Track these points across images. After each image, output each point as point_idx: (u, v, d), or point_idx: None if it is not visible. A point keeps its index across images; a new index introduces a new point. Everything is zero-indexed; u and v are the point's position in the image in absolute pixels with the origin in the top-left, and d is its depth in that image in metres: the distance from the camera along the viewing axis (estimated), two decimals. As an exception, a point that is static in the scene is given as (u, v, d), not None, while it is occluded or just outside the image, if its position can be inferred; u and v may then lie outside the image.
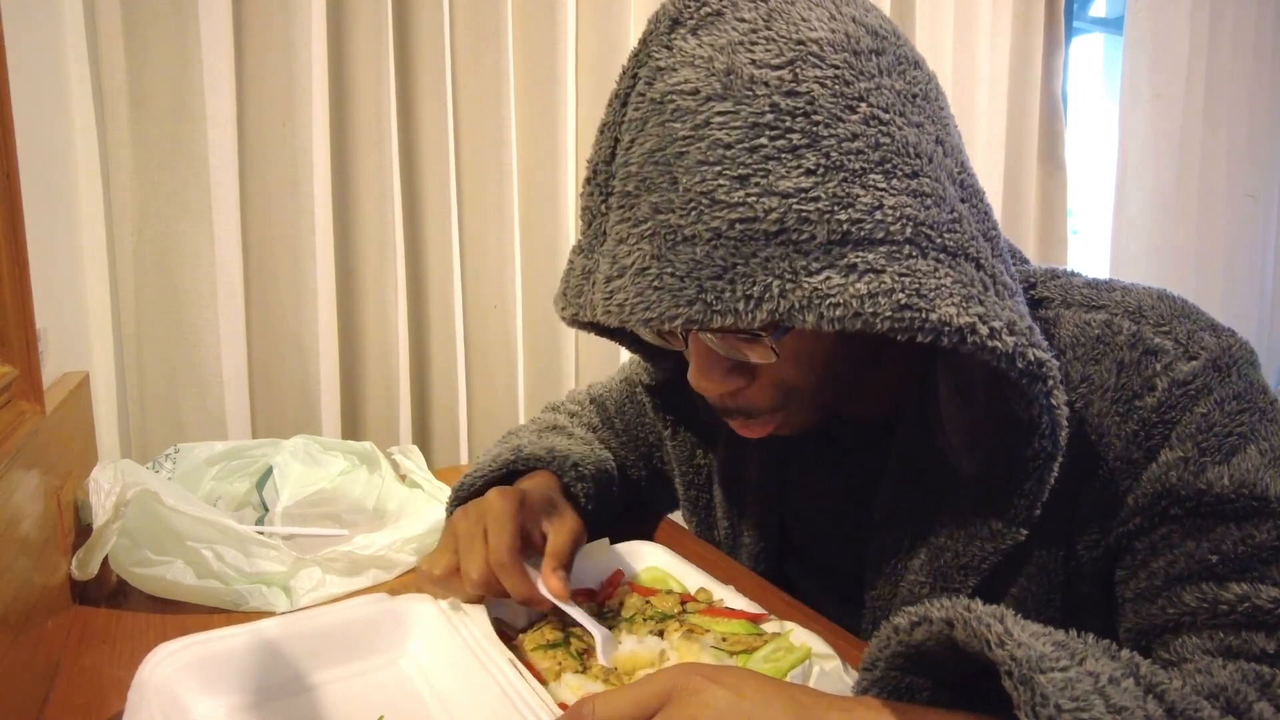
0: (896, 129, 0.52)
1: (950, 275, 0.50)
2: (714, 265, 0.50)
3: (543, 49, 1.45)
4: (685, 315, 0.51)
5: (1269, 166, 2.41)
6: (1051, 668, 0.41)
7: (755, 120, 0.50)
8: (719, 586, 0.73)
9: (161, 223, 1.20)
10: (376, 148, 1.33)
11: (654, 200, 0.52)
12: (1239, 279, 2.39)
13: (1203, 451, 0.55)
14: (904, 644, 0.46)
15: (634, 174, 0.54)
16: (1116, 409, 0.57)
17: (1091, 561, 0.60)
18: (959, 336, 0.49)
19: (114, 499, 0.73)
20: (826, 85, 0.51)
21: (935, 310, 0.49)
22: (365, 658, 0.65)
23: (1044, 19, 2.02)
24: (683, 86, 0.52)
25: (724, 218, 0.50)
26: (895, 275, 0.49)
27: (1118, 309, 0.60)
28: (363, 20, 1.31)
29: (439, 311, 1.43)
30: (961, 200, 0.54)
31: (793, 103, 0.50)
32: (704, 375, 0.60)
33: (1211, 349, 0.57)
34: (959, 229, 0.52)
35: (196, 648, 0.60)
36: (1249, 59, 2.31)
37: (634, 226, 0.53)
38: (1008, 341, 0.50)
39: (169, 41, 1.16)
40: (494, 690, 0.55)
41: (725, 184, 0.50)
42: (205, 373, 1.24)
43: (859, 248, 0.49)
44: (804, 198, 0.49)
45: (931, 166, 0.53)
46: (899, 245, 0.50)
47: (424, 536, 0.84)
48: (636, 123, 0.54)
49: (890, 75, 0.53)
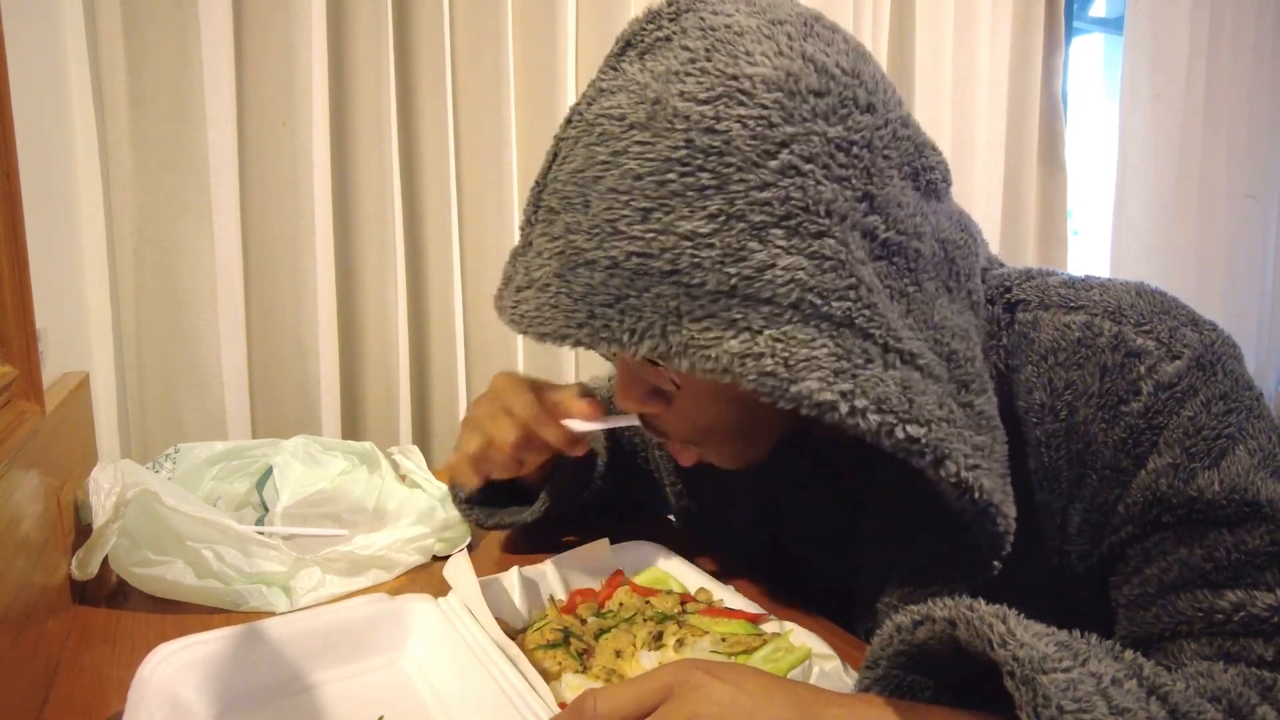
0: (813, 183, 0.50)
1: (826, 347, 0.50)
2: (607, 293, 0.51)
3: (543, 49, 1.45)
4: (574, 336, 0.53)
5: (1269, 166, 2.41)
6: (1054, 668, 0.41)
7: (669, 155, 0.50)
8: (719, 586, 0.73)
9: (161, 223, 1.20)
10: (376, 148, 1.33)
11: (568, 220, 0.54)
12: (1239, 279, 2.39)
13: (1191, 457, 0.54)
14: (906, 642, 0.46)
15: (559, 190, 0.55)
16: (1102, 415, 0.57)
17: (1085, 570, 0.60)
18: (818, 410, 0.50)
19: (114, 499, 0.73)
20: (748, 125, 0.50)
21: (797, 383, 0.49)
22: (365, 658, 0.65)
23: (1044, 19, 2.02)
24: (613, 111, 0.53)
25: (622, 249, 0.51)
26: (769, 339, 0.49)
27: (1097, 309, 0.59)
28: (363, 20, 1.31)
29: (439, 311, 1.43)
30: (874, 258, 0.53)
31: (709, 140, 0.50)
32: (622, 393, 0.62)
33: (1194, 346, 0.56)
34: (853, 296, 0.51)
35: (196, 648, 0.60)
36: (1249, 59, 2.31)
37: (549, 242, 0.55)
38: (871, 420, 0.50)
39: (169, 41, 1.16)
40: (494, 690, 0.55)
41: (629, 215, 0.51)
42: (205, 373, 1.23)
43: (744, 303, 0.50)
44: (700, 243, 0.50)
45: (842, 226, 0.51)
46: (782, 310, 0.50)
47: (424, 537, 0.84)
48: (571, 141, 0.55)
49: (826, 120, 0.51)
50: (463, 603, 0.67)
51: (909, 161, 0.56)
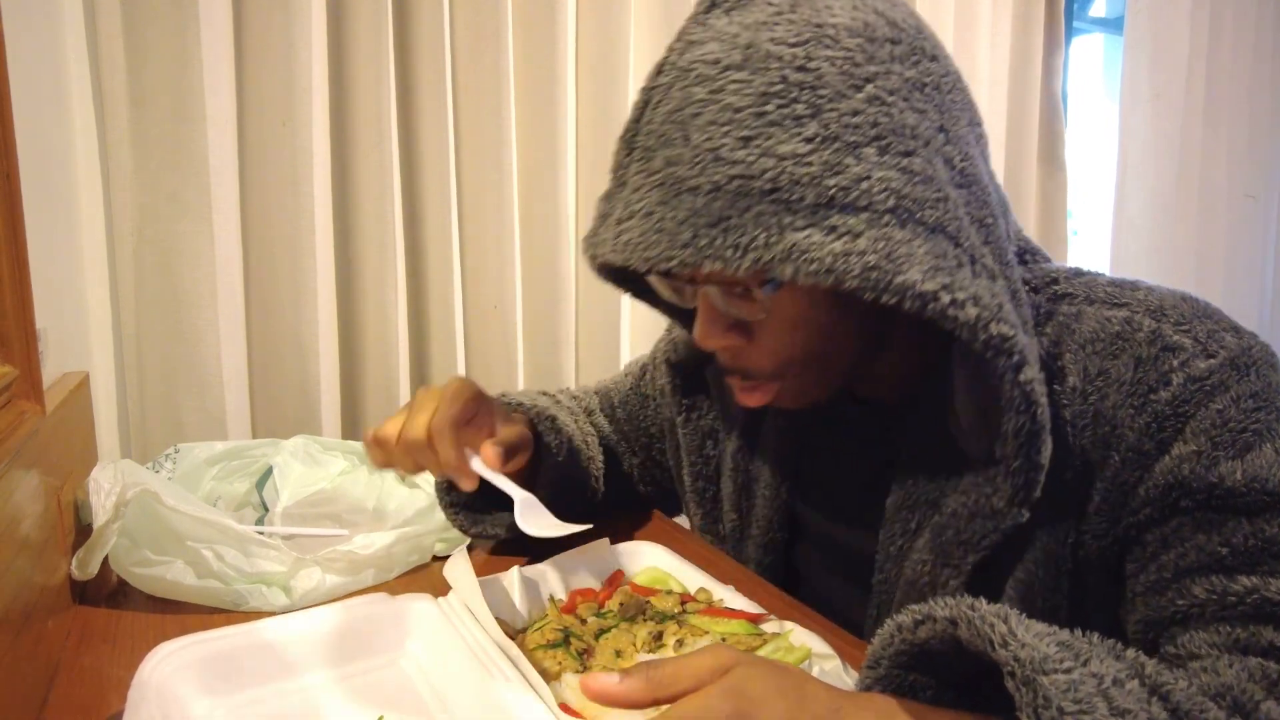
0: (898, 111, 0.55)
1: (924, 247, 0.53)
2: (710, 215, 0.54)
3: (543, 49, 1.45)
4: (679, 257, 0.55)
5: (1269, 166, 2.41)
6: (1055, 669, 0.41)
7: (765, 89, 0.54)
8: (719, 586, 0.73)
9: (161, 223, 1.20)
10: (376, 148, 1.33)
11: (667, 154, 0.57)
12: (1239, 279, 2.39)
13: (1216, 446, 0.55)
14: (908, 642, 0.47)
15: (655, 131, 0.59)
16: (1131, 402, 0.58)
17: (1099, 551, 0.60)
18: (920, 302, 0.52)
19: (114, 499, 0.73)
20: (836, 65, 0.55)
21: (901, 274, 0.52)
22: (365, 657, 0.65)
23: (1044, 19, 2.02)
24: (706, 56, 0.57)
25: (725, 173, 0.54)
26: (871, 239, 0.52)
27: (1139, 307, 0.61)
28: (363, 20, 1.31)
29: (439, 311, 1.43)
30: (955, 185, 0.57)
31: (802, 76, 0.54)
32: (705, 328, 0.63)
33: (1231, 349, 0.58)
34: (942, 208, 0.55)
35: (196, 647, 0.60)
36: (1249, 59, 2.31)
37: (648, 176, 0.58)
38: (970, 312, 0.53)
39: (169, 41, 1.16)
40: (494, 690, 0.55)
41: (730, 143, 0.54)
42: (205, 373, 1.24)
43: (843, 212, 0.53)
44: (799, 161, 0.53)
45: (927, 149, 0.56)
46: (879, 214, 0.53)
47: (424, 536, 0.84)
48: (664, 87, 0.59)
49: (902, 64, 0.57)
50: (463, 602, 0.67)
51: (969, 112, 0.61)
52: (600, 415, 0.97)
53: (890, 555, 0.68)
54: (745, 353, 0.64)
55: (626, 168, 0.62)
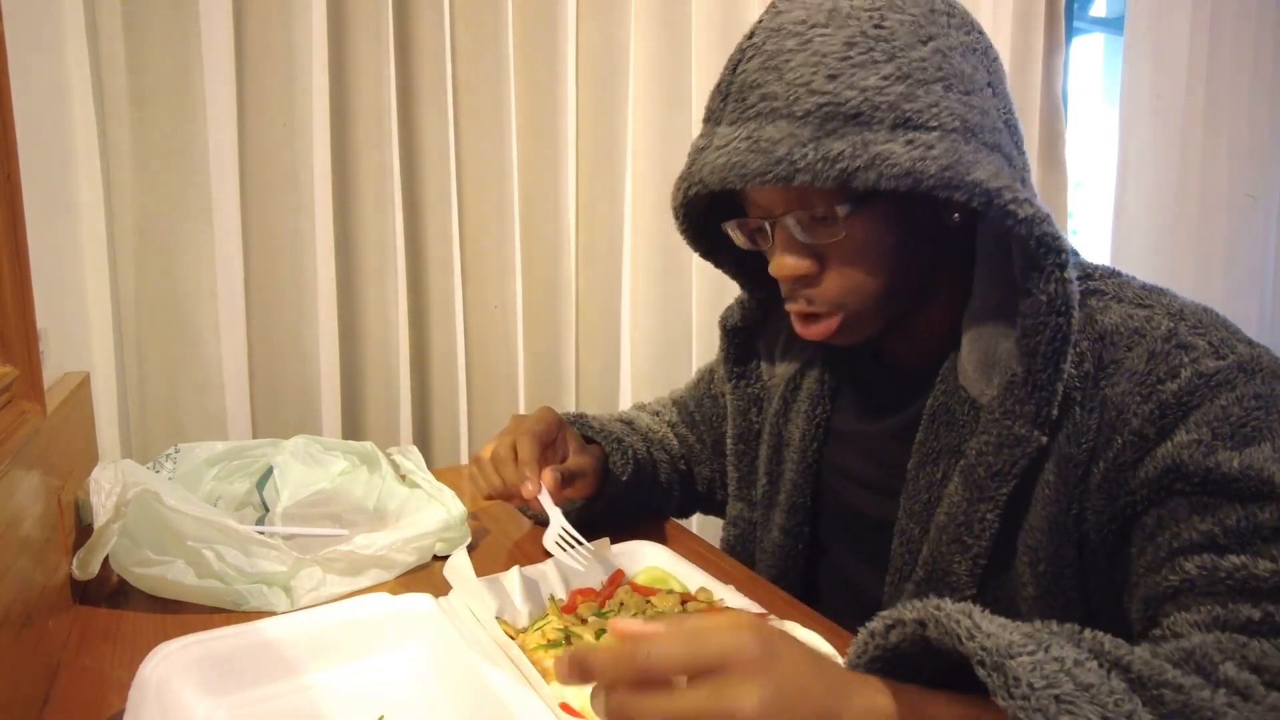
0: (958, 61, 0.65)
1: (987, 158, 0.63)
2: (802, 135, 0.63)
3: (543, 50, 1.45)
4: (774, 172, 0.63)
5: (1269, 167, 2.41)
6: (1020, 653, 0.44)
7: (848, 40, 0.64)
8: (719, 586, 0.73)
9: (162, 223, 1.20)
10: (377, 148, 1.33)
11: (762, 92, 0.66)
12: (1239, 279, 2.39)
13: (1216, 436, 0.58)
14: (880, 647, 0.49)
15: (749, 79, 0.67)
16: (1139, 390, 0.61)
17: (1099, 530, 0.63)
18: (987, 198, 0.61)
19: (114, 499, 0.73)
20: (904, 25, 0.65)
21: (971, 173, 0.61)
22: (365, 657, 0.65)
23: (1044, 19, 2.02)
24: (795, 17, 0.67)
25: (815, 102, 0.63)
26: (943, 149, 0.61)
27: (1161, 309, 0.65)
28: (363, 21, 1.31)
29: (439, 312, 1.43)
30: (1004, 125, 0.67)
31: (878, 31, 0.64)
32: (783, 255, 0.70)
33: (1242, 355, 0.61)
34: (1000, 137, 0.65)
35: (197, 647, 0.60)
36: (1249, 59, 2.31)
37: (743, 112, 0.67)
38: (1027, 210, 0.61)
39: (170, 42, 1.16)
40: (494, 690, 0.55)
41: (819, 79, 0.63)
42: (206, 373, 1.24)
43: (918, 130, 0.62)
44: (878, 91, 0.62)
45: (982, 94, 0.65)
46: (948, 133, 0.62)
47: (424, 536, 0.84)
48: (755, 45, 0.68)
49: (956, 30, 0.67)
50: (463, 602, 0.67)
51: (1007, 83, 0.70)
52: (682, 426, 1.04)
53: (914, 514, 0.72)
54: (815, 280, 0.70)
55: (721, 111, 0.69)
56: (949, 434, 0.70)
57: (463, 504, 0.89)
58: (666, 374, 1.62)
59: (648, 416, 1.05)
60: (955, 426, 0.70)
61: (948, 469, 0.70)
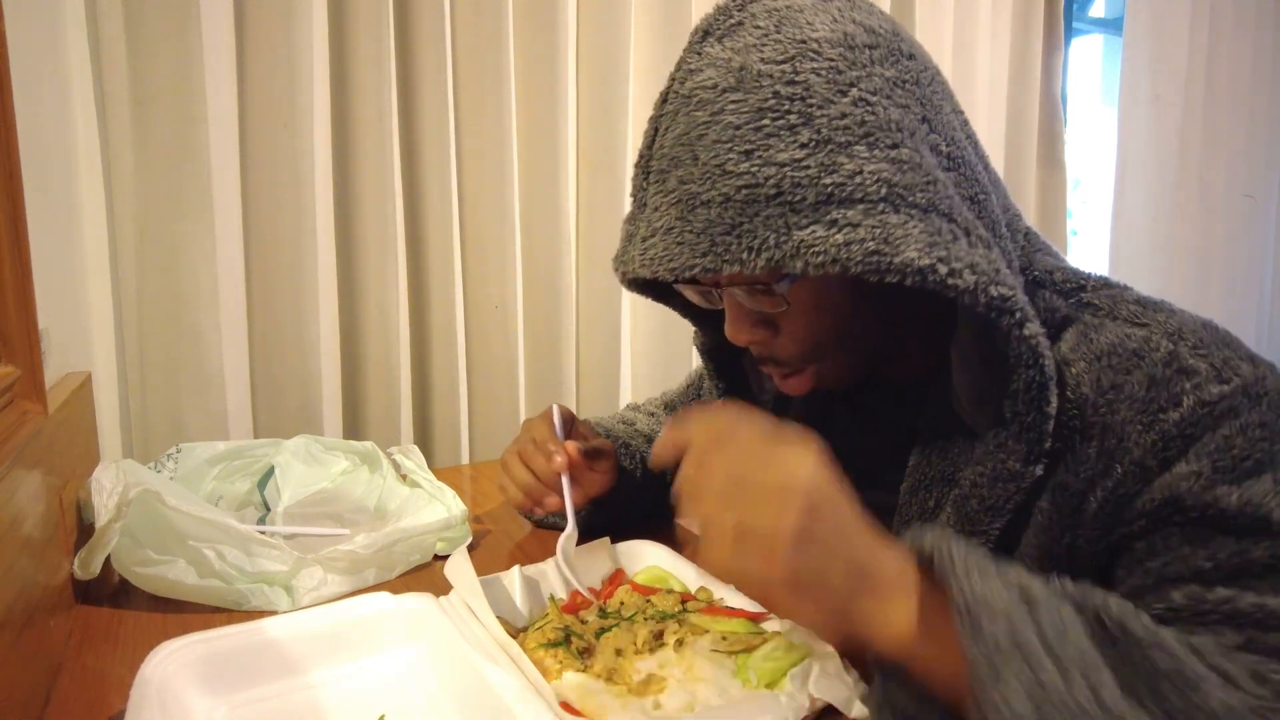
0: (882, 109, 0.60)
1: (918, 227, 0.58)
2: (724, 224, 0.60)
3: (544, 50, 1.45)
4: (700, 265, 0.60)
5: (1269, 167, 2.41)
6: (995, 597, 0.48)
7: (760, 105, 0.60)
8: (719, 585, 0.73)
9: (163, 223, 1.20)
10: (378, 148, 1.33)
11: (679, 174, 0.63)
12: (1239, 279, 2.39)
13: (1217, 470, 0.56)
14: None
15: (666, 154, 0.65)
16: (1140, 419, 0.59)
17: (1090, 556, 0.61)
18: (920, 276, 0.57)
19: (116, 498, 0.73)
20: (821, 74, 0.60)
21: (899, 254, 0.56)
22: (366, 657, 0.65)
23: (1044, 19, 2.02)
24: (705, 83, 0.63)
25: (732, 185, 0.59)
26: (869, 228, 0.57)
27: (1159, 329, 0.62)
28: (364, 22, 1.31)
29: (440, 311, 1.43)
30: (943, 169, 0.62)
31: (791, 90, 0.59)
32: (734, 326, 0.69)
33: (1246, 377, 0.58)
34: (932, 190, 0.59)
35: (198, 647, 0.60)
36: (1249, 59, 2.31)
37: (664, 196, 0.64)
38: (968, 279, 0.57)
39: (171, 42, 1.17)
40: (494, 690, 0.56)
41: (734, 157, 0.60)
42: (207, 372, 1.24)
43: (841, 206, 0.58)
44: (797, 166, 0.58)
45: (912, 139, 0.60)
46: (874, 203, 0.58)
47: (425, 536, 0.84)
48: (670, 115, 0.65)
49: (882, 65, 0.61)
50: (464, 602, 0.67)
51: (949, 100, 0.66)
52: None
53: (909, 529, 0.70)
54: (775, 344, 0.69)
55: (645, 190, 0.68)
56: (942, 461, 0.68)
57: (463, 504, 0.89)
58: (666, 374, 1.62)
59: (644, 417, 1.04)
60: (949, 453, 0.68)
61: (940, 498, 0.68)
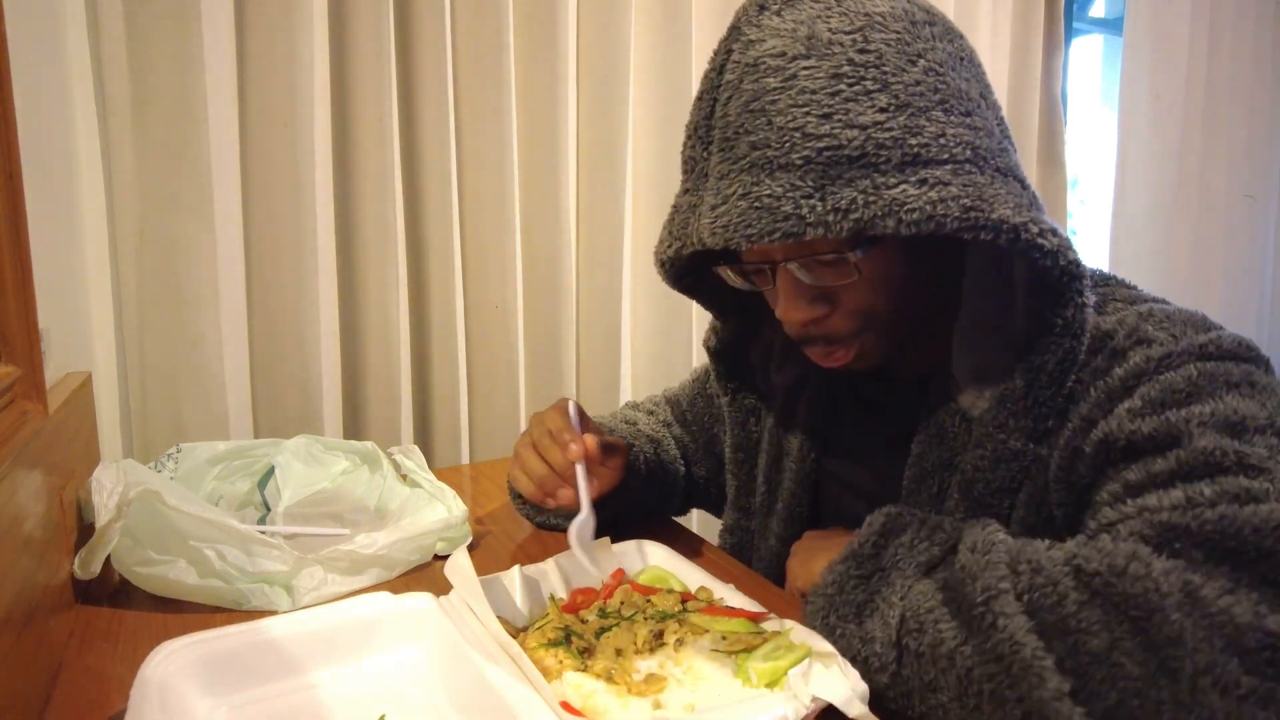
0: (950, 79, 0.62)
1: (1004, 188, 0.60)
2: (806, 186, 0.59)
3: (544, 50, 1.45)
4: (783, 229, 0.59)
5: (1268, 167, 2.41)
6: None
7: (834, 71, 0.60)
8: (719, 585, 0.73)
9: (164, 223, 1.20)
10: (378, 149, 1.33)
11: (751, 139, 0.61)
12: (1239, 279, 2.39)
13: (1146, 403, 0.58)
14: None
15: (732, 123, 0.63)
16: (1093, 381, 0.62)
17: (1065, 519, 0.64)
18: (1014, 234, 0.58)
19: (116, 498, 0.73)
20: (891, 45, 0.61)
21: (994, 211, 0.58)
22: (367, 656, 0.65)
23: (1044, 19, 2.02)
24: (772, 51, 0.62)
25: (814, 147, 0.59)
26: (960, 186, 0.58)
27: (1133, 313, 0.65)
28: (364, 22, 1.31)
29: (440, 312, 1.44)
30: (1004, 140, 0.64)
31: (864, 57, 0.60)
32: (792, 304, 0.68)
33: (1200, 341, 0.60)
34: (1005, 157, 0.62)
35: (198, 646, 0.60)
36: (1249, 59, 2.31)
37: (734, 163, 0.62)
38: (1052, 241, 0.59)
39: (171, 43, 1.17)
40: (494, 690, 0.56)
41: (813, 120, 0.59)
42: (207, 373, 1.24)
43: (928, 166, 0.58)
44: (879, 128, 0.59)
45: (980, 109, 0.63)
46: (961, 164, 0.59)
47: (425, 536, 0.84)
48: (732, 84, 0.63)
49: (942, 40, 0.63)
50: (464, 601, 0.67)
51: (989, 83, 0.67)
52: (676, 425, 1.03)
53: None
54: (828, 320, 0.68)
55: (706, 160, 0.66)
56: (941, 448, 0.70)
57: (464, 504, 0.89)
58: (666, 374, 1.62)
59: (644, 416, 1.05)
60: (947, 440, 0.70)
61: (943, 483, 0.70)
